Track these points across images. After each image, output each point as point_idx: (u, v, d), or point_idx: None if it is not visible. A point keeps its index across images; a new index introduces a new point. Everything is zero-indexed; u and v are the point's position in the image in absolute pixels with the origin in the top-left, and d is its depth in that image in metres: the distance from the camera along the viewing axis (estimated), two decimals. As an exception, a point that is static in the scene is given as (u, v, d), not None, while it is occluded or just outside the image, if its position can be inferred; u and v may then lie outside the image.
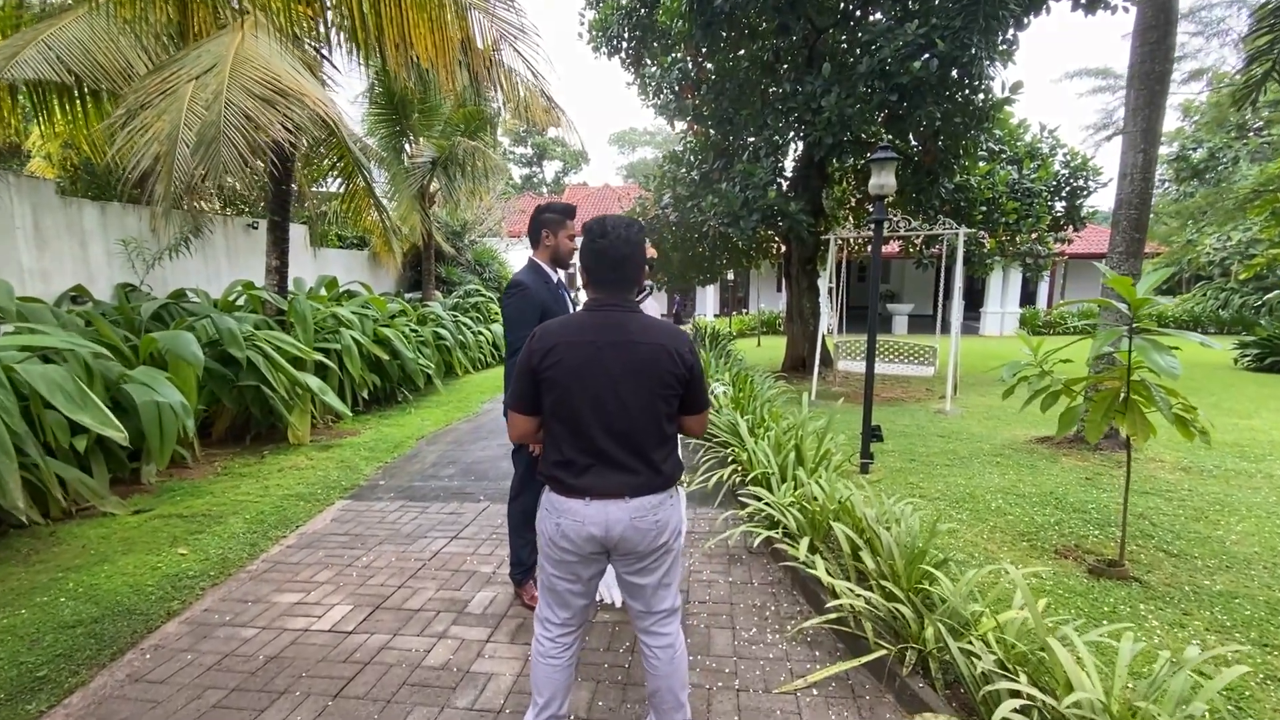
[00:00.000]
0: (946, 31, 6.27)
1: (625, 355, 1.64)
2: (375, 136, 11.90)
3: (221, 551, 3.62)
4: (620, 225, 1.69)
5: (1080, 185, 10.38)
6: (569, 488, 1.70)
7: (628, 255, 1.69)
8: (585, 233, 1.74)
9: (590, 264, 1.71)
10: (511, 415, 1.78)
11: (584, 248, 1.73)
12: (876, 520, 2.85)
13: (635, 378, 1.64)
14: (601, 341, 1.64)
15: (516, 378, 1.72)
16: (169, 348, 4.79)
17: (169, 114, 4.01)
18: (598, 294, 1.72)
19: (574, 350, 1.64)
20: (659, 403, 1.68)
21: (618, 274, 1.70)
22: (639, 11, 9.65)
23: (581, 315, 1.71)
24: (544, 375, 1.65)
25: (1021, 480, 4.50)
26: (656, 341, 1.67)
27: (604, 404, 1.64)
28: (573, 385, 1.63)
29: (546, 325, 1.71)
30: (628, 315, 1.69)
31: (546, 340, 1.67)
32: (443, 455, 5.85)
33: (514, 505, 2.96)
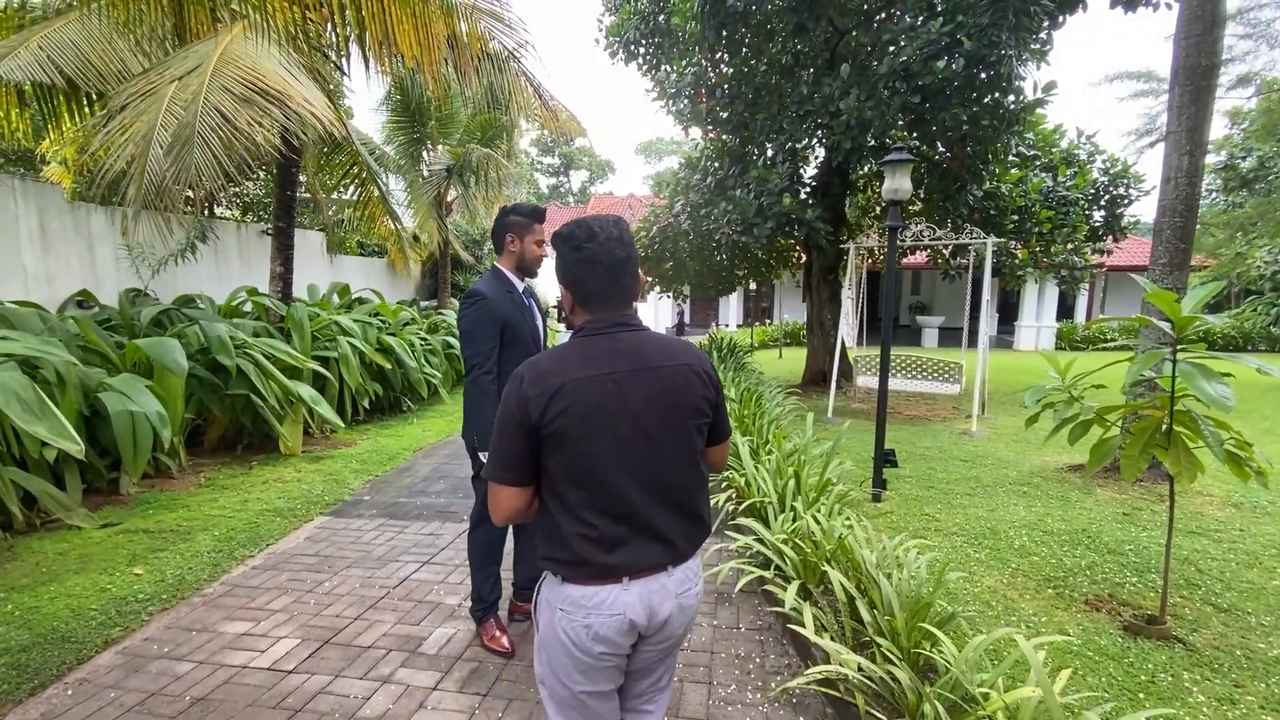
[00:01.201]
0: (973, 29, 5.89)
1: (649, 385, 1.29)
2: (393, 144, 11.90)
3: (179, 572, 3.43)
4: (609, 224, 1.33)
5: (1121, 194, 9.80)
6: (598, 570, 1.28)
7: (625, 259, 1.33)
8: (564, 242, 1.34)
9: (579, 278, 1.33)
10: (495, 491, 1.31)
11: (567, 261, 1.34)
12: (876, 566, 2.51)
13: (665, 412, 1.30)
14: (618, 372, 1.28)
15: (501, 438, 1.29)
16: (153, 355, 4.67)
17: (147, 114, 3.89)
18: (595, 313, 1.34)
19: (585, 389, 1.25)
20: (694, 438, 1.35)
21: (616, 284, 1.33)
22: (655, 17, 9.46)
23: (581, 343, 1.33)
24: (550, 430, 1.24)
25: (1050, 514, 4.08)
26: (681, 362, 1.35)
27: (633, 452, 1.28)
28: (591, 436, 1.25)
29: (537, 363, 1.30)
30: (640, 335, 1.35)
31: (547, 381, 1.25)
32: (436, 469, 5.63)
33: (474, 536, 2.70)
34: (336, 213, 11.47)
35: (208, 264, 8.76)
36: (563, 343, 1.36)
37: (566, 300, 1.38)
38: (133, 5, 4.75)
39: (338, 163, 9.00)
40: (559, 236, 1.36)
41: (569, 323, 1.50)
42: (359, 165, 8.87)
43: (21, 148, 7.70)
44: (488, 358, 2.44)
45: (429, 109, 11.39)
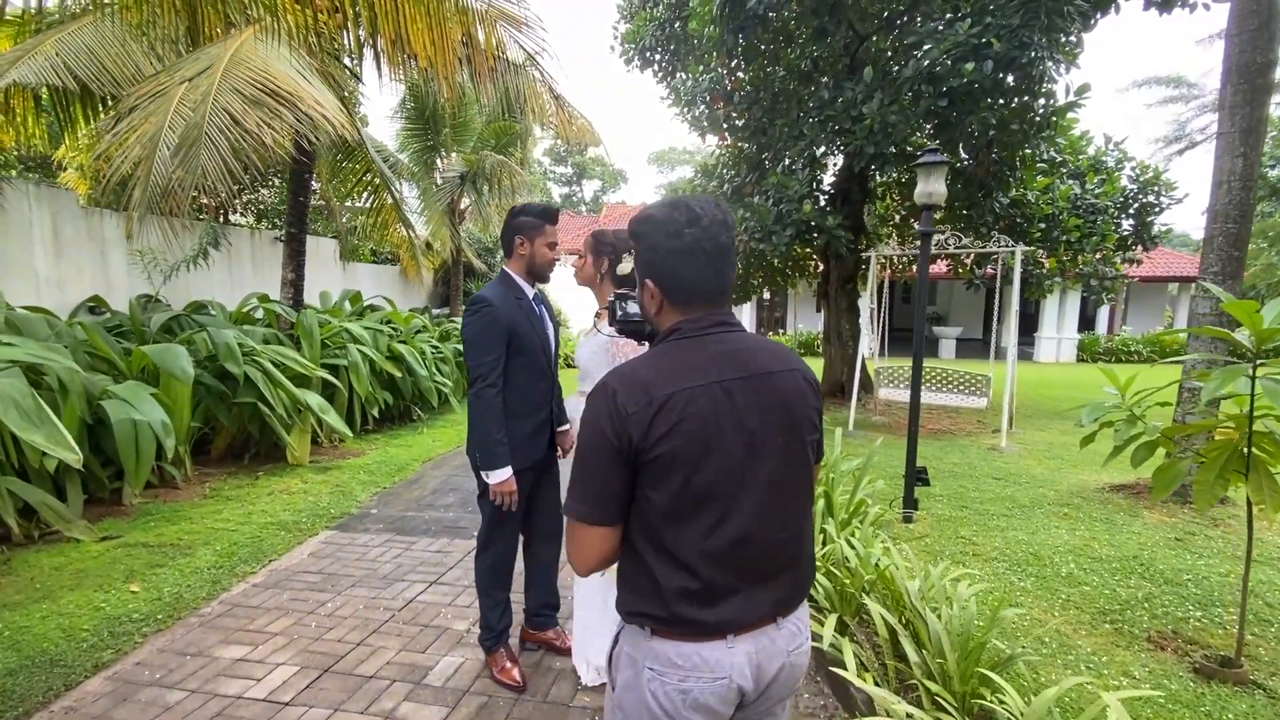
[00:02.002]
0: (1003, 31, 5.69)
1: (763, 396, 1.08)
2: (407, 151, 11.87)
3: (177, 590, 3.27)
4: (710, 206, 1.10)
5: (1151, 202, 9.52)
6: (699, 628, 1.06)
7: (729, 246, 1.11)
8: (657, 228, 1.12)
9: (676, 271, 1.11)
10: (580, 533, 1.09)
11: (660, 250, 1.11)
12: (921, 597, 2.30)
13: (781, 428, 1.10)
14: (728, 380, 1.07)
15: (587, 466, 1.07)
16: (158, 362, 4.55)
17: (155, 116, 3.80)
18: (692, 311, 1.12)
19: (698, 402, 1.03)
20: (809, 458, 1.15)
21: (721, 276, 1.12)
22: (672, 24, 9.35)
23: (678, 347, 1.11)
24: (654, 454, 1.01)
25: (1096, 539, 3.83)
26: (792, 366, 1.15)
27: (749, 479, 1.06)
28: (704, 460, 1.03)
29: (631, 372, 1.08)
30: (744, 336, 1.14)
31: (649, 392, 1.03)
32: (445, 481, 5.47)
33: (482, 560, 2.51)
34: (350, 220, 11.44)
35: (221, 270, 8.71)
36: (653, 348, 1.15)
37: (652, 298, 1.14)
38: (146, 8, 4.69)
39: (351, 170, 8.94)
40: (646, 222, 1.13)
41: (628, 330, 1.30)
42: (372, 172, 8.81)
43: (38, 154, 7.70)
44: (492, 369, 2.26)
45: (443, 116, 11.35)
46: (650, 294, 1.15)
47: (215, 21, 5.09)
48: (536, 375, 2.41)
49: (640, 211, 1.16)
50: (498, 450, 2.26)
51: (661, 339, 1.16)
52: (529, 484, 2.45)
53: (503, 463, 2.27)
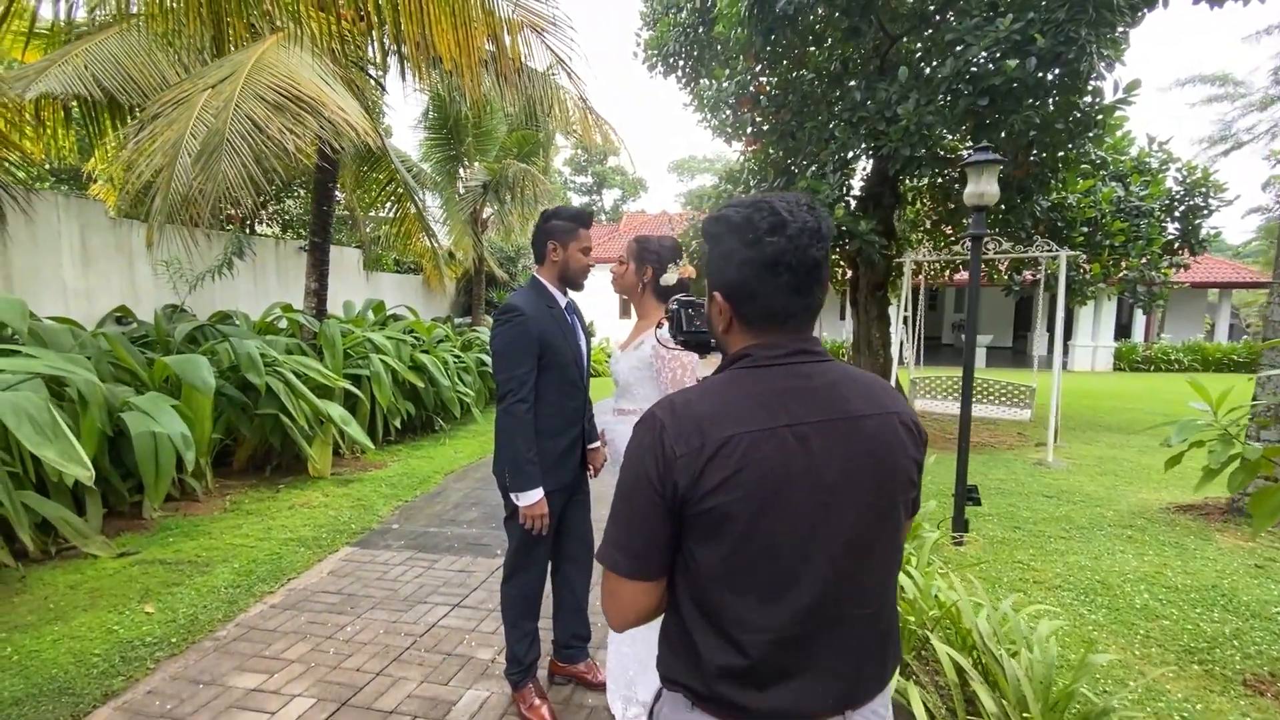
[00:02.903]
0: (1047, 26, 5.44)
1: (848, 444, 0.89)
2: (430, 161, 11.89)
3: (192, 611, 3.14)
4: (800, 208, 0.90)
5: (1198, 204, 9.11)
6: (744, 714, 0.89)
7: (822, 260, 0.91)
8: (733, 232, 0.91)
9: (750, 285, 0.91)
10: (615, 585, 0.93)
11: (736, 259, 0.91)
12: (994, 638, 2.07)
13: (869, 485, 0.90)
14: (805, 424, 0.87)
15: (627, 508, 0.91)
16: (179, 373, 4.48)
17: (178, 124, 3.73)
18: (766, 335, 0.93)
19: (762, 448, 0.85)
20: (902, 519, 0.96)
21: (806, 297, 0.92)
22: (696, 29, 9.24)
23: (748, 378, 0.92)
24: (704, 506, 0.85)
25: (1168, 565, 3.53)
26: (887, 409, 0.94)
27: (823, 544, 0.87)
28: (766, 519, 0.85)
29: (685, 404, 0.90)
30: (830, 368, 0.94)
31: (704, 432, 0.86)
32: (468, 495, 5.32)
33: (510, 588, 2.34)
34: (374, 230, 11.47)
35: (246, 280, 8.72)
36: (715, 376, 0.95)
37: (720, 314, 0.96)
38: (172, 17, 4.66)
39: (375, 179, 8.93)
40: (720, 222, 0.93)
41: (693, 342, 1.12)
42: (396, 182, 8.79)
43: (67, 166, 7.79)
44: (523, 383, 2.09)
45: (466, 125, 11.34)
46: (719, 308, 0.96)
47: (240, 30, 5.05)
48: (569, 390, 2.25)
49: (717, 209, 0.97)
50: (528, 470, 2.09)
51: (727, 365, 0.96)
52: (559, 505, 2.27)
53: (534, 484, 2.10)
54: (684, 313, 1.22)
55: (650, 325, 2.12)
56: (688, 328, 1.22)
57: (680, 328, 1.23)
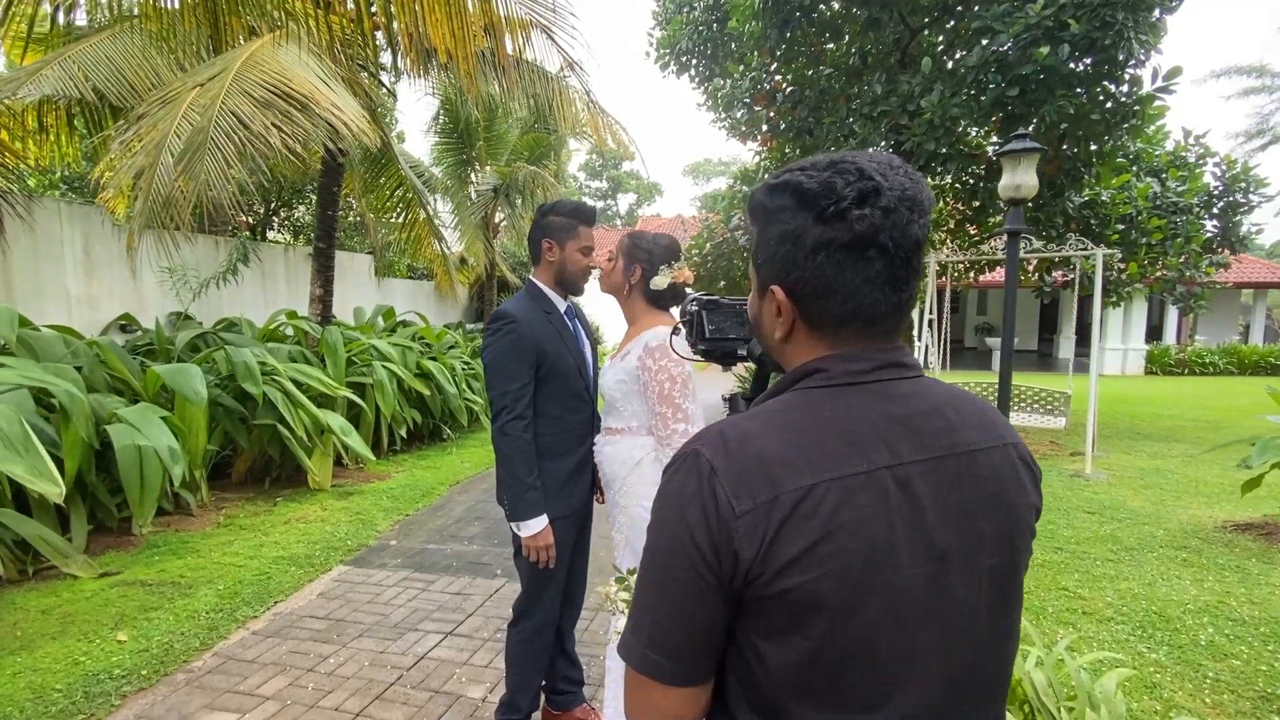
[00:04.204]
0: (1081, 10, 5.12)
1: (961, 490, 0.66)
2: (441, 165, 11.79)
3: (168, 639, 2.94)
4: (894, 171, 0.66)
5: (1237, 200, 8.67)
6: None
7: (921, 242, 0.67)
8: (804, 203, 0.66)
9: (828, 277, 0.67)
10: (646, 692, 0.67)
11: (805, 241, 0.67)
12: (1050, 692, 1.78)
13: (986, 546, 0.66)
14: (906, 464, 0.64)
15: (659, 588, 0.66)
16: (171, 383, 4.32)
17: (163, 122, 3.57)
18: (842, 344, 0.69)
19: (858, 500, 0.62)
20: (1020, 581, 0.71)
21: (899, 291, 0.68)
22: (709, 25, 9.03)
23: (827, 400, 0.67)
24: (781, 586, 0.60)
25: (1231, 593, 3.19)
26: (1003, 438, 0.71)
27: (933, 632, 0.64)
28: (863, 600, 0.61)
29: (742, 437, 0.65)
30: (926, 386, 0.71)
31: (774, 481, 0.62)
32: (471, 508, 5.11)
33: (519, 631, 2.05)
34: (385, 235, 11.38)
35: (253, 287, 8.63)
36: (775, 400, 0.70)
37: (778, 316, 0.71)
38: (166, 17, 4.53)
39: (384, 184, 8.81)
40: (783, 191, 0.68)
41: (718, 352, 0.88)
42: (405, 187, 8.66)
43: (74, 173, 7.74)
44: (518, 398, 1.85)
45: (477, 128, 11.22)
46: (776, 309, 0.71)
47: (237, 29, 4.92)
48: (573, 403, 1.99)
49: (777, 173, 0.71)
50: (529, 497, 1.85)
51: (789, 384, 0.71)
52: (571, 534, 2.02)
53: (535, 511, 1.85)
54: (705, 315, 0.98)
55: (639, 332, 1.86)
56: (711, 334, 0.98)
57: (701, 333, 0.99)
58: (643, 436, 1.83)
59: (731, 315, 0.99)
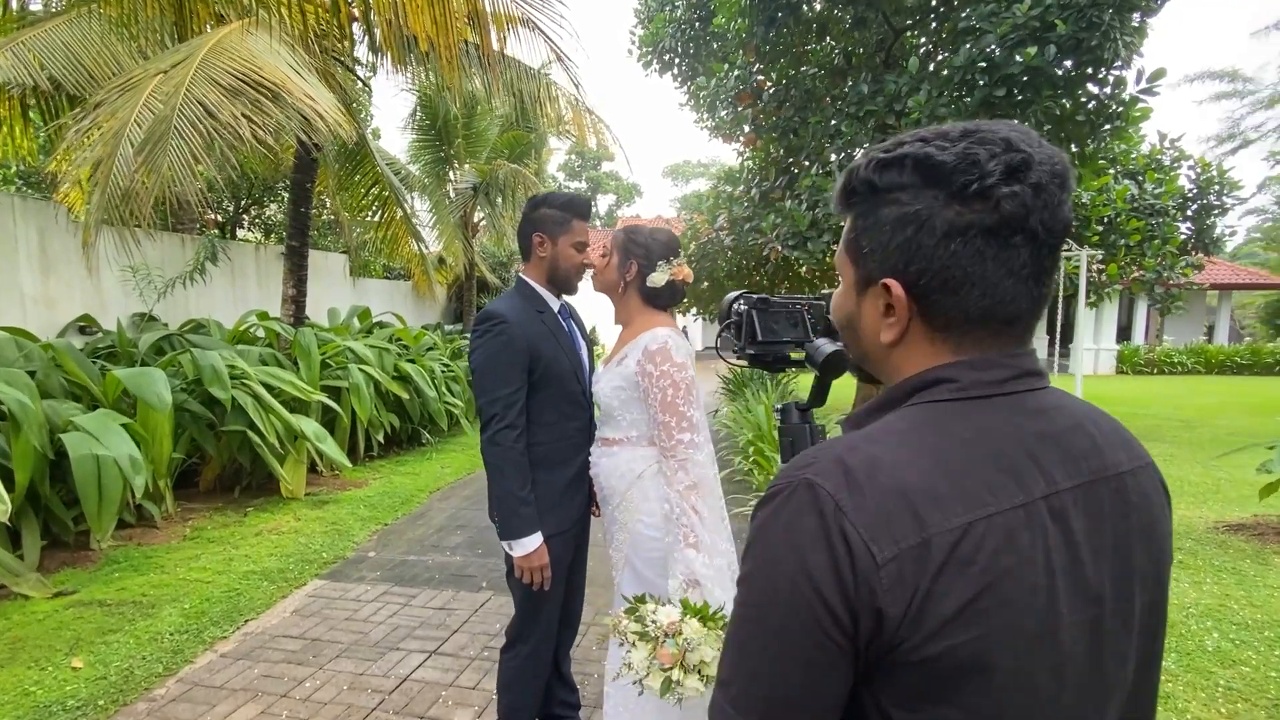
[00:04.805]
0: (1068, 10, 5.12)
1: (1112, 521, 0.56)
2: (418, 163, 11.54)
3: (128, 665, 2.74)
4: (1038, 143, 0.55)
5: (1211, 203, 8.84)
6: None
7: (1067, 225, 0.56)
8: (925, 177, 0.56)
9: (964, 268, 0.55)
10: None
11: (929, 224, 0.55)
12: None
13: (1135, 585, 0.57)
14: (1062, 491, 0.54)
15: (763, 649, 0.53)
16: (132, 389, 4.08)
17: (123, 111, 3.35)
18: (978, 346, 0.58)
19: (1018, 540, 0.51)
20: (1165, 619, 0.64)
21: (1041, 285, 0.57)
22: (693, 24, 8.95)
23: (958, 416, 0.56)
24: (935, 649, 0.49)
25: (1231, 596, 3.17)
26: (1143, 457, 0.62)
27: (1090, 689, 0.55)
28: (1031, 658, 0.51)
29: (872, 463, 0.53)
30: (1060, 397, 0.61)
31: (921, 514, 0.50)
32: (453, 516, 4.93)
33: (513, 657, 1.90)
34: (361, 235, 11.09)
35: (223, 287, 8.31)
36: (892, 416, 0.59)
37: (887, 315, 0.60)
38: (127, 1, 4.28)
39: (359, 181, 8.56)
40: (906, 166, 0.57)
41: (770, 356, 0.78)
42: (381, 185, 8.43)
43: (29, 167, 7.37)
44: (509, 405, 1.71)
45: (455, 126, 11.00)
46: (886, 307, 0.60)
47: (204, 16, 4.68)
48: (569, 409, 1.85)
49: (886, 146, 0.59)
50: (523, 512, 1.70)
51: (903, 396, 0.60)
52: (568, 551, 1.87)
53: (529, 528, 1.71)
54: (756, 316, 0.86)
55: (636, 334, 1.72)
56: (763, 336, 0.86)
57: (751, 336, 0.87)
58: (643, 447, 1.69)
59: (784, 315, 0.88)
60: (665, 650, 1.42)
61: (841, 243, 0.65)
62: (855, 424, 0.62)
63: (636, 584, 1.66)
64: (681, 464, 1.56)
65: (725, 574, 1.57)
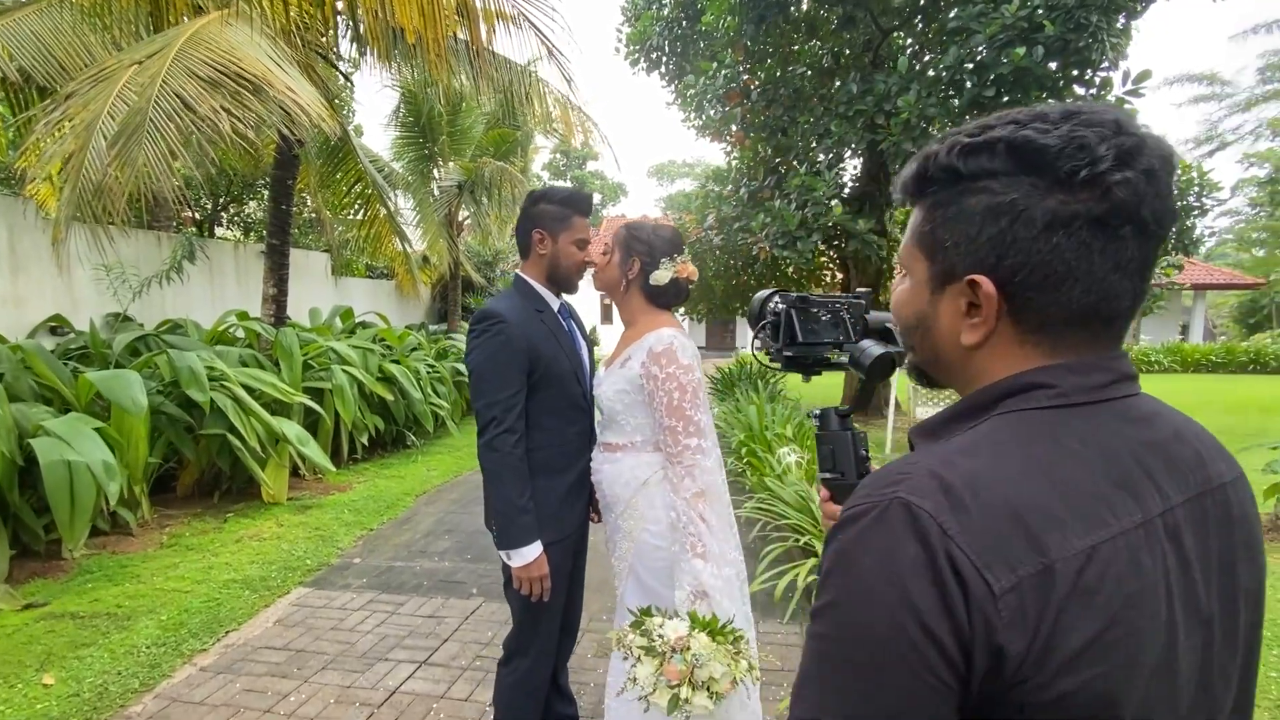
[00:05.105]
0: (1056, 11, 5.15)
1: (1218, 538, 0.52)
2: (402, 160, 11.37)
3: (102, 681, 2.62)
4: (1152, 133, 0.50)
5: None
6: None
7: (1174, 211, 0.53)
8: (1019, 162, 0.51)
9: (1068, 264, 0.50)
10: None
11: (1026, 215, 0.50)
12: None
13: (1239, 604, 0.53)
14: (1173, 509, 0.50)
15: (864, 687, 0.47)
16: (105, 391, 3.94)
17: (95, 102, 3.21)
18: (1074, 349, 0.53)
19: (1140, 561, 0.47)
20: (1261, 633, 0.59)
21: (1144, 278, 0.53)
22: (680, 23, 8.91)
23: (1059, 426, 0.51)
24: (1073, 685, 0.44)
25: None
26: (1238, 469, 0.58)
27: (1202, 711, 0.51)
28: (1155, 689, 0.47)
29: (971, 476, 0.48)
30: (1157, 403, 0.57)
31: (1039, 537, 0.45)
32: (441, 520, 4.83)
33: (510, 673, 1.83)
34: (343, 233, 10.90)
35: (200, 286, 8.11)
36: (983, 426, 0.53)
37: (969, 313, 0.55)
38: (100, -11, 4.14)
39: (341, 179, 8.40)
40: (998, 151, 0.51)
41: (809, 359, 0.73)
42: (364, 182, 8.28)
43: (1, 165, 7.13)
44: (509, 409, 1.63)
45: (440, 123, 10.86)
46: (967, 305, 0.55)
47: (181, 7, 4.54)
48: (570, 413, 1.78)
49: (972, 130, 0.54)
50: (521, 521, 1.63)
51: (990, 403, 0.54)
52: (568, 560, 1.80)
53: (528, 538, 1.63)
54: (795, 316, 0.80)
55: (639, 334, 1.66)
56: (804, 338, 0.80)
57: (790, 337, 0.81)
58: (648, 453, 1.63)
59: (825, 315, 0.83)
60: (673, 666, 1.36)
61: (910, 235, 0.60)
62: (929, 434, 0.57)
63: (641, 594, 1.60)
64: (688, 470, 1.50)
65: (734, 584, 1.52)
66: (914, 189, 0.58)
